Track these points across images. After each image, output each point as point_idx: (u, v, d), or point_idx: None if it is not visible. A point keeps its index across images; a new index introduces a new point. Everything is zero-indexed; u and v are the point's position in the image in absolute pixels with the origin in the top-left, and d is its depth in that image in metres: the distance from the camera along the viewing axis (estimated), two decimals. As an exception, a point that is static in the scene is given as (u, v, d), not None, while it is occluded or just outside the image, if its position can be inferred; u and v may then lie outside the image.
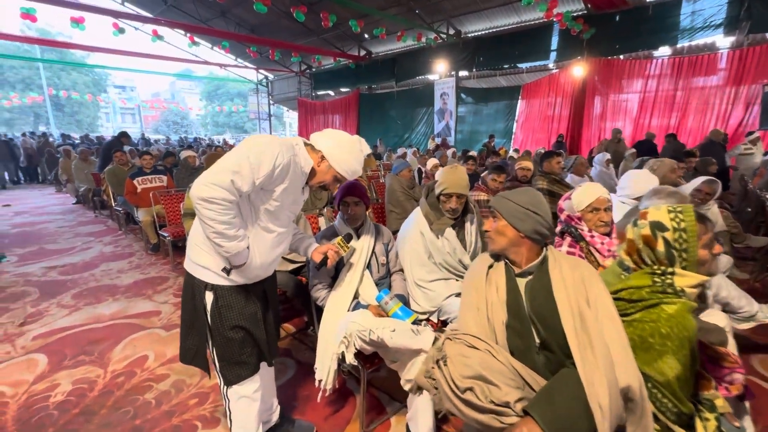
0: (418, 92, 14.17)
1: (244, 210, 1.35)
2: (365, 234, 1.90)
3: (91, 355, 2.44)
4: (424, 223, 2.07)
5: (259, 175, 1.23)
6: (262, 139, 1.27)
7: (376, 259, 1.92)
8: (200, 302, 1.40)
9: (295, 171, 1.35)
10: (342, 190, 1.89)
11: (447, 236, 2.06)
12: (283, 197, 1.35)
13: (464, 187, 2.01)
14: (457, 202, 2.03)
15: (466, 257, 2.10)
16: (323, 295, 1.83)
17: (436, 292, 2.00)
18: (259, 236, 1.38)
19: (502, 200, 1.26)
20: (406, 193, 3.83)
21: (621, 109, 9.89)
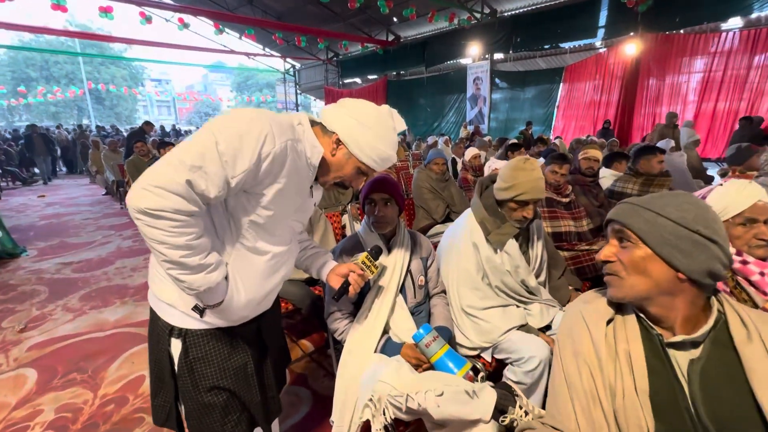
0: (449, 78, 13.43)
1: (219, 223, 0.92)
2: (398, 246, 1.44)
3: (84, 373, 2.14)
4: (479, 233, 1.58)
5: (236, 171, 0.80)
6: (240, 116, 0.83)
7: (412, 280, 1.45)
8: (164, 353, 1.00)
9: (297, 164, 0.91)
10: (368, 184, 1.43)
11: (508, 250, 1.56)
12: (279, 204, 0.92)
13: (542, 192, 1.52)
14: (533, 211, 1.54)
15: (531, 277, 1.60)
16: (343, 327, 1.39)
17: (491, 324, 1.53)
18: (243, 261, 0.95)
19: (639, 212, 0.75)
20: (433, 191, 3.28)
21: (680, 92, 8.82)
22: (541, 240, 1.69)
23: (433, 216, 3.15)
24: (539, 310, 1.62)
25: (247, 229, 0.93)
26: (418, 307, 1.47)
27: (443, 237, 1.78)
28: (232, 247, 0.94)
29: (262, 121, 0.82)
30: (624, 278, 0.75)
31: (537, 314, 1.60)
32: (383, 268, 1.40)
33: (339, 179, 1.03)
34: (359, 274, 1.17)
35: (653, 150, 2.62)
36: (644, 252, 0.73)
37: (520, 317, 1.55)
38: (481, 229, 1.58)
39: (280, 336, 1.29)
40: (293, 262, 1.14)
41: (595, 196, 2.56)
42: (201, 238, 0.83)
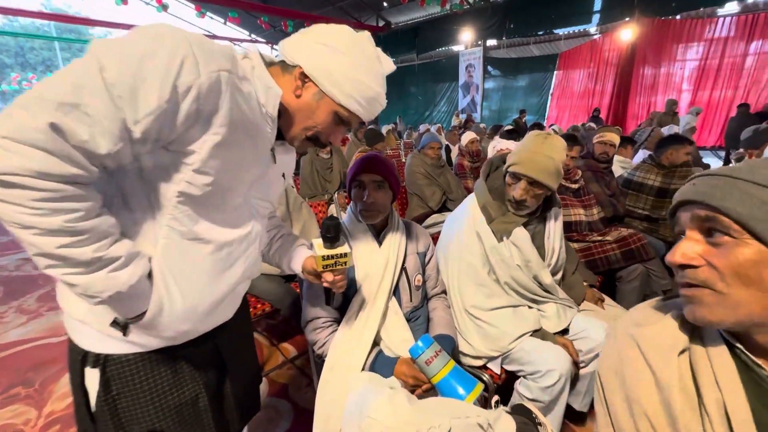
0: (441, 65, 13.11)
1: (134, 195, 0.65)
2: (391, 240, 1.19)
3: (30, 387, 1.86)
4: (482, 220, 1.34)
5: (139, 113, 0.53)
6: (142, 32, 0.55)
7: (407, 279, 1.21)
8: (77, 389, 0.74)
9: (242, 110, 0.64)
10: (356, 163, 1.17)
11: (516, 240, 1.33)
12: (222, 166, 0.65)
13: (547, 172, 1.26)
14: (527, 192, 1.29)
15: (546, 273, 1.37)
16: (324, 338, 1.14)
17: (499, 329, 1.29)
18: (177, 253, 0.68)
19: (743, 188, 0.49)
20: (428, 177, 3.01)
21: (675, 80, 8.67)
22: (559, 233, 1.45)
23: (429, 204, 2.90)
24: (555, 312, 1.39)
25: (177, 205, 0.65)
26: (415, 312, 1.22)
27: (444, 226, 1.54)
28: (157, 232, 0.66)
29: (177, 41, 0.55)
30: (723, 293, 0.49)
31: (553, 316, 1.37)
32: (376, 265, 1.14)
33: (311, 131, 0.77)
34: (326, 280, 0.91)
35: (682, 140, 2.40)
36: (757, 251, 0.47)
37: (533, 321, 1.32)
38: (484, 215, 1.34)
39: (249, 355, 1.02)
40: (258, 255, 0.86)
41: (608, 184, 2.34)
42: (95, 218, 0.56)
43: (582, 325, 1.39)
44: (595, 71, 9.75)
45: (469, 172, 3.32)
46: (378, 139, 4.06)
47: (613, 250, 1.99)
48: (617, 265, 1.98)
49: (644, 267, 1.98)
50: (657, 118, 6.80)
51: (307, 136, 0.78)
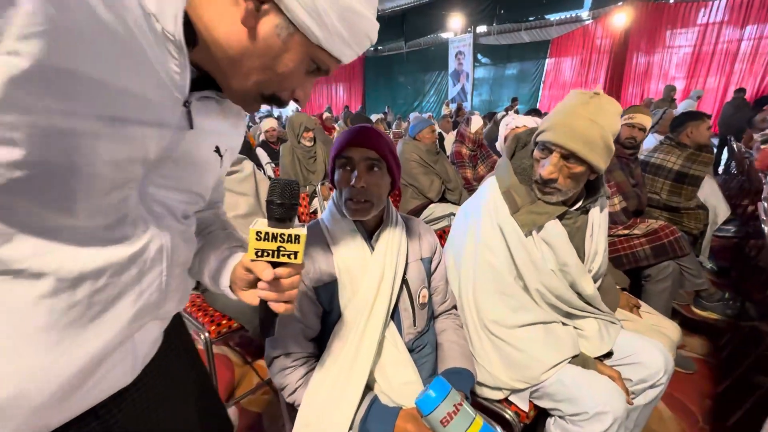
0: (430, 53, 12.75)
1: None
2: (387, 242, 0.87)
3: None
4: (505, 210, 1.04)
5: None
6: None
7: (410, 296, 0.89)
8: None
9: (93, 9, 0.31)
10: (343, 135, 0.84)
11: (549, 237, 1.03)
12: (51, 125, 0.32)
13: (590, 142, 0.93)
14: (557, 170, 0.97)
15: (587, 281, 1.07)
16: (295, 383, 0.82)
17: (528, 355, 1.00)
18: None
19: None
20: (424, 164, 2.69)
21: (669, 66, 8.51)
22: (604, 230, 1.14)
23: (427, 195, 2.59)
24: (597, 330, 1.10)
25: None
26: (420, 339, 0.91)
27: (456, 219, 1.23)
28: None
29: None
30: None
31: (594, 336, 1.08)
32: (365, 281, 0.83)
33: (270, 88, 0.49)
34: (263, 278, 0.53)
35: (699, 115, 2.14)
36: None
37: (571, 344, 1.03)
38: (507, 202, 1.03)
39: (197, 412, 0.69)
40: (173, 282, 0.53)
41: (632, 173, 2.05)
42: None
43: (629, 345, 1.10)
44: (588, 58, 9.53)
45: (468, 160, 3.01)
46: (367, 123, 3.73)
47: (641, 245, 1.71)
48: (645, 262, 1.71)
49: (677, 264, 1.72)
50: (653, 106, 6.60)
51: (263, 93, 0.49)
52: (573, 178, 0.98)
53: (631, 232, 1.75)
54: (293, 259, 0.53)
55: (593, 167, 0.96)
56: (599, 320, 1.11)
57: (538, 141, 1.00)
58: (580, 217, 1.07)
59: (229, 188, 1.78)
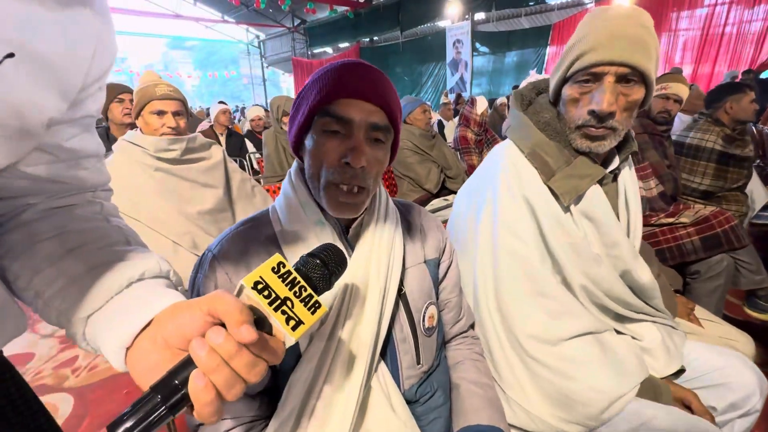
0: (427, 43, 12.40)
1: None
2: (372, 239, 0.57)
3: None
4: (532, 177, 0.77)
5: None
6: None
7: (408, 315, 0.60)
8: None
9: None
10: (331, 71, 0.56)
11: (590, 209, 0.76)
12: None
13: (646, 52, 0.69)
14: (615, 98, 0.71)
15: (642, 266, 0.80)
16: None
17: (581, 382, 0.71)
18: None
19: None
20: (419, 151, 2.38)
21: (676, 51, 8.17)
22: (636, 193, 0.86)
23: (425, 186, 2.28)
24: (660, 340, 0.81)
25: None
26: (427, 383, 0.62)
27: (456, 204, 0.94)
28: None
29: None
30: None
31: (658, 348, 0.80)
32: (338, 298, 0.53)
33: None
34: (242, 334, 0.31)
35: (739, 87, 1.85)
36: None
37: (638, 364, 0.74)
38: (536, 167, 0.76)
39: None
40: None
41: (665, 153, 1.75)
42: None
43: (704, 361, 0.81)
44: (591, 44, 9.19)
45: (474, 146, 2.71)
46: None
47: (689, 237, 1.42)
48: (694, 256, 1.42)
49: (731, 258, 1.42)
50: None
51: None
52: (629, 109, 0.73)
53: (677, 221, 1.45)
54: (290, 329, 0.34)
55: (649, 88, 0.72)
56: (660, 326, 0.82)
57: (582, 67, 0.72)
58: (612, 184, 0.80)
59: (193, 179, 1.48)
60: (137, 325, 0.35)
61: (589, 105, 0.72)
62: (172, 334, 0.33)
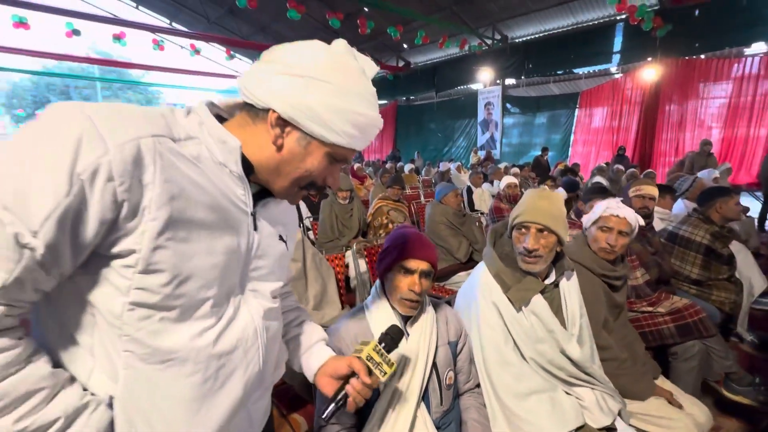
0: (460, 102, 13.30)
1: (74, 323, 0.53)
2: (421, 330, 1.04)
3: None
4: (497, 290, 1.22)
5: (33, 222, 0.43)
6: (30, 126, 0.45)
7: (438, 378, 1.04)
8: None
9: (184, 176, 0.53)
10: (399, 244, 1.03)
11: (535, 310, 1.18)
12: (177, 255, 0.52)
13: (554, 218, 1.18)
14: (538, 241, 1.18)
15: (573, 346, 1.20)
16: (338, 450, 0.97)
17: (534, 425, 1.10)
18: (141, 384, 0.54)
19: None
20: (452, 226, 2.89)
21: (704, 117, 8.44)
22: (577, 299, 1.29)
23: (456, 255, 2.74)
24: (594, 401, 1.19)
25: (131, 320, 0.51)
26: (446, 417, 1.05)
27: (457, 301, 1.40)
28: (115, 363, 0.53)
29: (66, 118, 0.45)
30: None
31: (593, 406, 1.18)
32: (403, 361, 0.99)
33: (304, 181, 0.64)
34: (362, 381, 0.75)
35: (727, 191, 2.22)
36: None
37: (575, 414, 1.13)
38: (499, 284, 1.23)
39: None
40: (264, 359, 0.68)
41: (650, 242, 2.14)
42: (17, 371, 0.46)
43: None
44: (619, 109, 9.62)
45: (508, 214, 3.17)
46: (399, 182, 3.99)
47: (666, 323, 1.76)
48: (671, 340, 1.75)
49: (702, 344, 1.74)
50: (690, 159, 6.55)
51: (300, 186, 0.65)
52: (548, 246, 1.19)
53: (655, 310, 1.80)
54: (381, 376, 0.77)
55: (560, 237, 1.19)
56: (596, 391, 1.20)
57: (516, 224, 1.23)
58: (554, 291, 1.24)
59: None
60: (321, 362, 0.82)
61: (523, 243, 1.20)
62: (332, 370, 0.80)
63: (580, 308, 1.30)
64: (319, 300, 1.98)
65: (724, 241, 2.23)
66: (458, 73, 12.48)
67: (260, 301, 0.68)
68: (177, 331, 0.55)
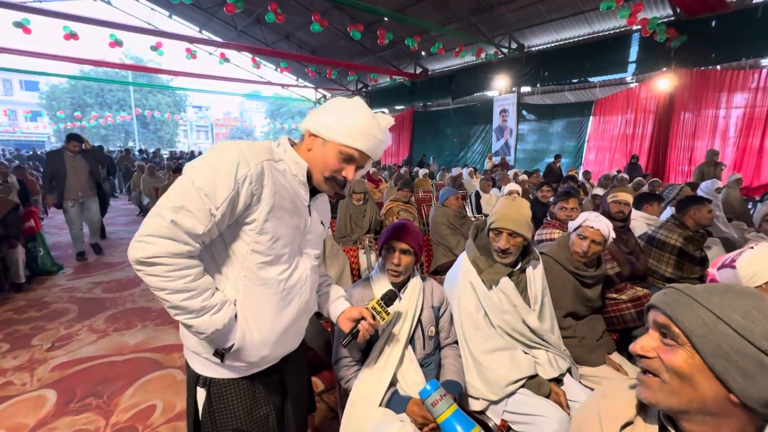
0: (475, 109, 13.55)
1: (220, 259, 0.94)
2: (410, 295, 1.41)
3: (100, 398, 2.18)
4: (473, 272, 1.57)
5: (217, 201, 0.83)
6: (211, 153, 0.87)
7: (422, 330, 1.41)
8: (191, 401, 1.02)
9: (280, 182, 0.92)
10: (390, 229, 1.42)
11: (503, 289, 1.52)
12: (274, 225, 0.92)
13: (521, 225, 1.51)
14: (508, 242, 1.52)
15: (532, 317, 1.54)
16: (349, 375, 1.36)
17: (495, 372, 1.45)
18: (251, 297, 0.95)
19: (694, 307, 0.62)
20: (452, 226, 3.25)
21: (719, 127, 8.46)
22: (540, 282, 1.63)
23: (455, 252, 3.09)
24: (547, 359, 1.54)
25: (249, 259, 0.92)
26: (428, 359, 1.41)
27: (445, 281, 1.75)
28: (238, 283, 0.94)
29: (233, 151, 0.86)
30: (665, 382, 0.63)
31: (545, 363, 1.52)
32: (395, 315, 1.36)
33: (327, 173, 0.97)
34: (369, 322, 1.14)
35: (702, 200, 2.50)
36: (693, 359, 0.61)
37: (528, 366, 1.47)
38: (474, 268, 1.57)
39: (306, 385, 1.27)
40: (309, 295, 1.08)
41: (625, 243, 2.44)
42: (200, 279, 0.85)
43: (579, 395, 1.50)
44: (633, 118, 9.71)
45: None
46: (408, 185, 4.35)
47: (628, 309, 2.07)
48: (633, 323, 2.06)
49: (660, 328, 2.04)
50: (698, 169, 6.67)
51: (324, 177, 0.98)
52: (516, 245, 1.54)
53: (619, 297, 2.11)
54: (381, 320, 1.16)
55: (525, 238, 1.53)
56: (550, 353, 1.54)
57: (492, 228, 1.57)
58: (521, 275, 1.59)
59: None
60: (341, 309, 1.20)
61: (498, 244, 1.53)
62: (349, 314, 1.17)
63: (543, 291, 1.64)
64: (337, 281, 2.37)
65: (696, 244, 2.50)
66: (474, 81, 12.75)
67: (309, 260, 1.08)
68: (270, 269, 0.96)
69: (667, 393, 0.63)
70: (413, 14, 10.51)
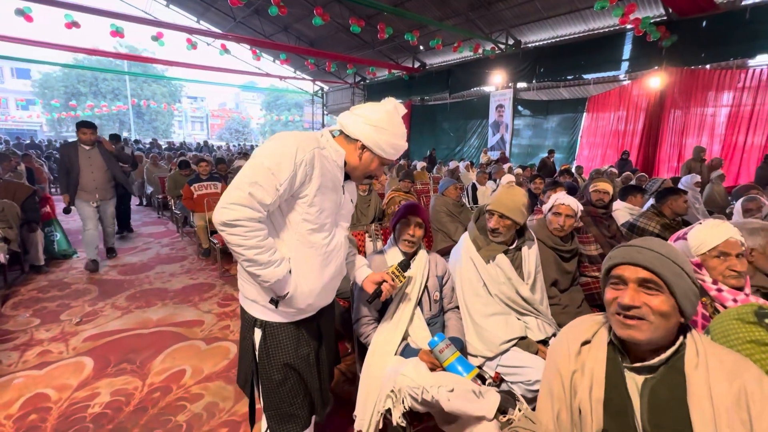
0: (472, 104, 13.76)
1: (279, 225, 1.18)
2: (418, 264, 1.66)
3: (133, 364, 2.41)
4: (473, 249, 1.81)
5: (281, 179, 1.06)
6: (275, 140, 1.11)
7: (428, 294, 1.66)
8: (249, 341, 1.26)
9: (325, 165, 1.16)
10: (404, 207, 1.68)
11: (499, 264, 1.77)
12: (320, 199, 1.16)
13: (511, 210, 1.74)
14: (498, 223, 1.76)
15: (524, 288, 1.79)
16: (368, 332, 1.61)
17: (491, 333, 1.70)
18: (301, 255, 1.19)
19: (668, 264, 0.83)
20: (451, 214, 3.51)
21: (707, 125, 8.78)
22: (533, 260, 1.87)
23: (453, 238, 3.34)
24: (536, 325, 1.79)
25: (301, 226, 1.17)
26: (433, 319, 1.66)
27: (451, 256, 1.99)
28: (291, 244, 1.18)
29: (294, 140, 1.10)
30: (653, 323, 0.82)
31: (534, 328, 1.78)
32: (409, 279, 1.61)
33: (369, 173, 1.27)
34: (390, 283, 1.39)
35: (678, 191, 2.77)
36: (670, 301, 0.82)
37: (520, 329, 1.72)
38: (474, 246, 1.82)
39: (334, 336, 1.51)
40: (343, 258, 1.34)
41: (607, 228, 2.70)
42: (267, 239, 1.09)
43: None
44: (625, 114, 9.99)
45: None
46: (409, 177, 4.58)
47: (607, 286, 2.33)
48: (611, 299, 2.32)
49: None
50: (686, 165, 6.97)
51: (365, 175, 1.28)
52: (506, 227, 1.77)
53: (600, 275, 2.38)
54: (399, 283, 1.41)
55: (516, 222, 1.76)
56: (539, 319, 1.81)
57: (487, 210, 1.81)
58: (516, 253, 1.84)
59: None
60: (366, 274, 1.45)
61: (490, 224, 1.77)
62: (372, 278, 1.42)
63: (536, 268, 1.89)
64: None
65: (672, 231, 2.77)
66: (472, 76, 12.94)
67: (342, 231, 1.33)
68: (316, 235, 1.20)
69: (653, 330, 0.82)
70: (412, 9, 10.65)
